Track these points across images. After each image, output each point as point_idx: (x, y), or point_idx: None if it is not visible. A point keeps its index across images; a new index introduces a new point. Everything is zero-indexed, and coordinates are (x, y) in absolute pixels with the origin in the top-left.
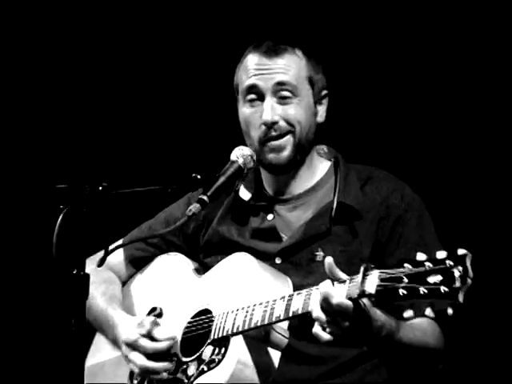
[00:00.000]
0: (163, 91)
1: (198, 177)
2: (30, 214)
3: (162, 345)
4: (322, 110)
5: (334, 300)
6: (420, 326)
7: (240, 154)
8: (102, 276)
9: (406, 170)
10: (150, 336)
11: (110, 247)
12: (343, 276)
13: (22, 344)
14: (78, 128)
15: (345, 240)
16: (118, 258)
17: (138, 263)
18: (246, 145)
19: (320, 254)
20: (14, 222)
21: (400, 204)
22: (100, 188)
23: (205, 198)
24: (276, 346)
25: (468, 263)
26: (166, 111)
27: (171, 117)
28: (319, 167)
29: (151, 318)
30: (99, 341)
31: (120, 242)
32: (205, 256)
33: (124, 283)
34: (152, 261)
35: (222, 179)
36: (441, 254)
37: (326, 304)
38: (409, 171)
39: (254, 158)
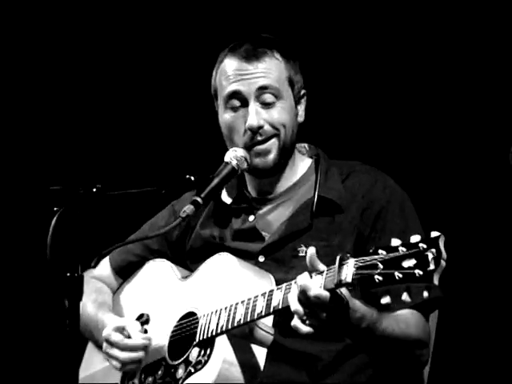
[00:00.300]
0: (156, 92)
1: (192, 178)
2: (24, 216)
3: (135, 341)
4: (301, 109)
5: (311, 292)
6: (403, 318)
7: (234, 156)
8: (94, 285)
9: (390, 164)
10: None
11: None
12: (321, 267)
13: (18, 345)
14: (72, 130)
15: (327, 234)
16: (106, 270)
17: (125, 273)
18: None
19: (302, 249)
20: (8, 224)
21: (382, 196)
22: (94, 189)
23: (198, 199)
24: (261, 343)
25: (441, 245)
26: (159, 113)
27: (164, 118)
28: (300, 165)
29: (136, 323)
30: (90, 355)
31: (107, 258)
32: (191, 262)
33: (115, 292)
34: (139, 270)
35: (215, 181)
36: (414, 238)
37: (303, 296)
38: (393, 165)
39: (248, 159)
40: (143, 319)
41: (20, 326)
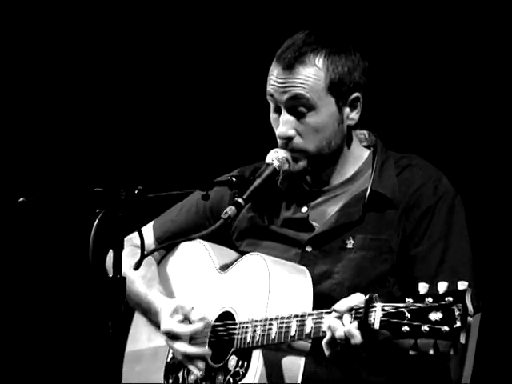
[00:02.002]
0: (197, 96)
1: (234, 179)
2: (66, 218)
3: (197, 326)
4: (353, 113)
5: (353, 341)
6: None
7: (275, 157)
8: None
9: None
10: (187, 321)
11: (147, 249)
12: (352, 301)
13: (62, 348)
14: (115, 132)
15: (376, 228)
16: (149, 239)
17: (168, 245)
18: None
19: (350, 241)
20: (51, 226)
21: (432, 194)
22: (136, 191)
23: (240, 200)
24: (300, 352)
25: (468, 300)
26: (199, 115)
27: (205, 120)
28: (358, 156)
29: (186, 303)
30: (138, 326)
31: (150, 225)
32: (236, 239)
33: (157, 263)
34: (179, 244)
35: (257, 182)
36: (441, 287)
37: (335, 340)
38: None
39: (290, 160)
40: None
41: (63, 328)
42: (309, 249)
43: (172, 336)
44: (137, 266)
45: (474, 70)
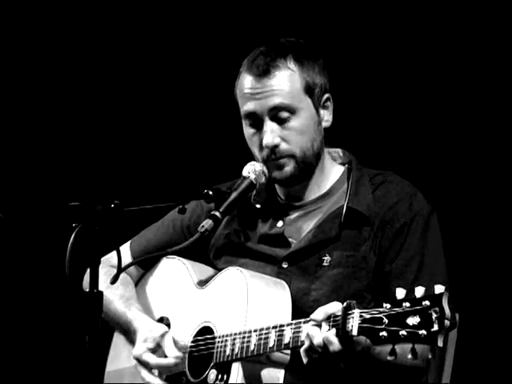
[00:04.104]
0: (173, 109)
1: (210, 193)
2: (42, 232)
3: (168, 361)
4: (326, 114)
5: (332, 348)
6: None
7: (252, 170)
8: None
9: (421, 175)
10: (160, 349)
11: (124, 264)
12: (330, 309)
13: (40, 362)
14: (91, 146)
15: (352, 245)
16: (126, 258)
17: (145, 264)
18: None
19: (327, 258)
20: (27, 240)
21: (407, 211)
22: (112, 205)
23: (217, 213)
24: (279, 365)
25: (445, 303)
26: (177, 129)
27: (182, 134)
28: (332, 172)
29: (161, 327)
30: (117, 345)
31: (128, 245)
32: (213, 257)
33: (135, 283)
34: (158, 262)
35: (234, 195)
36: (418, 292)
37: (313, 348)
38: (424, 177)
39: (266, 173)
40: (164, 323)
41: (41, 343)
42: (285, 265)
43: (141, 363)
44: (113, 281)
45: (444, 87)
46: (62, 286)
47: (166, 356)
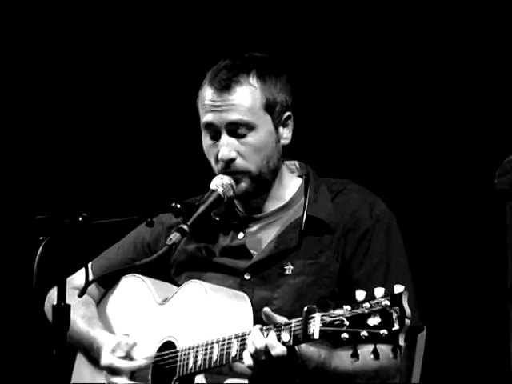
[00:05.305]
0: (140, 119)
1: (178, 206)
2: (9, 246)
3: (139, 363)
4: (286, 132)
5: (274, 352)
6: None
7: (220, 183)
8: (79, 298)
9: (379, 182)
10: (128, 358)
11: (90, 278)
12: (279, 320)
13: (5, 375)
14: (58, 159)
15: (314, 253)
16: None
17: (107, 283)
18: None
19: (289, 267)
20: None
21: (369, 217)
22: (80, 218)
23: (185, 227)
24: (241, 375)
25: (404, 302)
26: (144, 141)
27: (149, 147)
28: (290, 184)
29: (128, 339)
30: (80, 366)
31: (89, 266)
32: (175, 274)
33: (97, 303)
34: (119, 281)
35: (201, 208)
36: (378, 292)
37: (263, 354)
38: (381, 184)
39: (234, 186)
40: None
41: (7, 355)
42: (247, 276)
43: (112, 371)
44: (81, 294)
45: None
46: (30, 300)
47: None
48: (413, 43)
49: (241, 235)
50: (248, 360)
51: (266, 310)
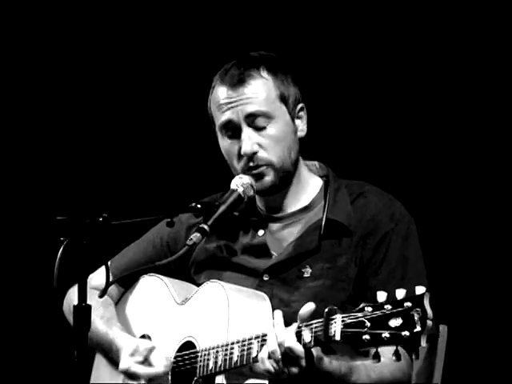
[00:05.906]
0: (163, 121)
1: (198, 206)
2: (30, 247)
3: (157, 369)
4: (301, 124)
5: (287, 344)
6: (374, 367)
7: (240, 183)
8: (98, 299)
9: (399, 184)
10: (147, 362)
11: (111, 279)
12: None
13: (26, 376)
14: (79, 160)
15: (332, 257)
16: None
17: (125, 282)
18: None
19: (307, 270)
20: (15, 255)
21: (388, 221)
22: (100, 219)
23: (205, 227)
24: (262, 375)
25: (426, 303)
26: (166, 142)
27: (171, 147)
28: (310, 184)
29: (147, 343)
30: (98, 367)
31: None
32: (194, 273)
33: (116, 303)
34: (138, 280)
35: (222, 208)
36: (400, 294)
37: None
38: (402, 186)
39: (254, 186)
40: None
41: (28, 356)
42: (266, 278)
43: (130, 375)
44: (102, 294)
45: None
46: (51, 300)
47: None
48: (431, 45)
49: (261, 232)
50: (264, 360)
51: (311, 308)
